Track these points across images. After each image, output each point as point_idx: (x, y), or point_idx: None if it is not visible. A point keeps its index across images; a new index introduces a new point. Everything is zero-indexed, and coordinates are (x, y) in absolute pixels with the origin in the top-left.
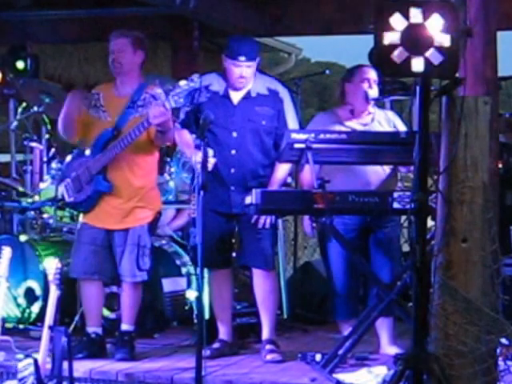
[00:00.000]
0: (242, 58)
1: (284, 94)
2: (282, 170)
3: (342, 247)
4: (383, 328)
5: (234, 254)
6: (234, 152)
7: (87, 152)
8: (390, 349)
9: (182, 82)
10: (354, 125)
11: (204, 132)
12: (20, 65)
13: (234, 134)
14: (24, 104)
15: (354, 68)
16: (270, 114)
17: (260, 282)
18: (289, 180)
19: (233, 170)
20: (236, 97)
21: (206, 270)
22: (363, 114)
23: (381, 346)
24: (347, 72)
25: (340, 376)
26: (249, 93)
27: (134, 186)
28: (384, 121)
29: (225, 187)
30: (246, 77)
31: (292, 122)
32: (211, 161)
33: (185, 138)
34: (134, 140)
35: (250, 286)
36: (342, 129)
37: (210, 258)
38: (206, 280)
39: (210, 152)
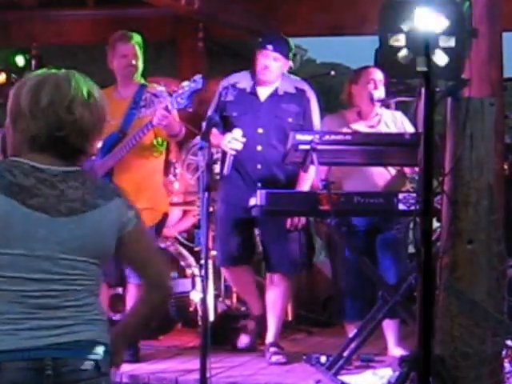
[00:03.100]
0: (270, 47)
1: (311, 94)
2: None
3: (347, 249)
4: (389, 330)
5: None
6: (259, 148)
7: (93, 156)
8: (395, 350)
9: (185, 83)
10: (360, 127)
11: (208, 134)
12: (20, 61)
13: (260, 131)
14: None
15: (360, 69)
16: (296, 111)
17: (274, 285)
18: None
19: (259, 166)
20: (263, 94)
21: (213, 271)
22: (370, 116)
23: (387, 347)
24: (353, 74)
25: (345, 378)
26: (276, 90)
27: (141, 187)
28: (391, 122)
29: (251, 183)
30: (270, 68)
31: (316, 123)
32: (241, 140)
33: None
34: (138, 142)
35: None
36: (348, 131)
37: (229, 255)
38: (210, 281)
39: (239, 132)
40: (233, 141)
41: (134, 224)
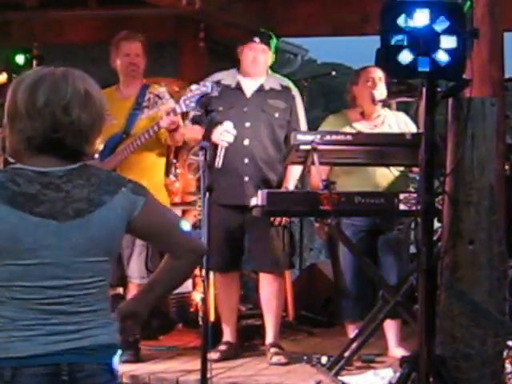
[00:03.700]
0: (257, 40)
1: (295, 92)
2: (296, 167)
3: (348, 249)
4: (390, 330)
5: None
6: (246, 142)
7: (96, 155)
8: (396, 351)
9: (194, 86)
10: (363, 127)
11: (209, 134)
12: (21, 61)
13: (247, 125)
14: None
15: (359, 70)
16: (282, 107)
17: (266, 284)
18: None
19: (246, 161)
20: (248, 90)
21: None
22: (372, 116)
23: (388, 348)
24: (354, 75)
25: (346, 378)
26: (262, 86)
27: None
28: (394, 123)
29: (238, 178)
30: (258, 61)
31: (303, 120)
32: (233, 132)
33: (195, 131)
34: (143, 143)
35: (255, 287)
36: (350, 130)
37: (221, 261)
38: (211, 281)
39: (230, 124)
40: (224, 133)
41: (142, 204)
